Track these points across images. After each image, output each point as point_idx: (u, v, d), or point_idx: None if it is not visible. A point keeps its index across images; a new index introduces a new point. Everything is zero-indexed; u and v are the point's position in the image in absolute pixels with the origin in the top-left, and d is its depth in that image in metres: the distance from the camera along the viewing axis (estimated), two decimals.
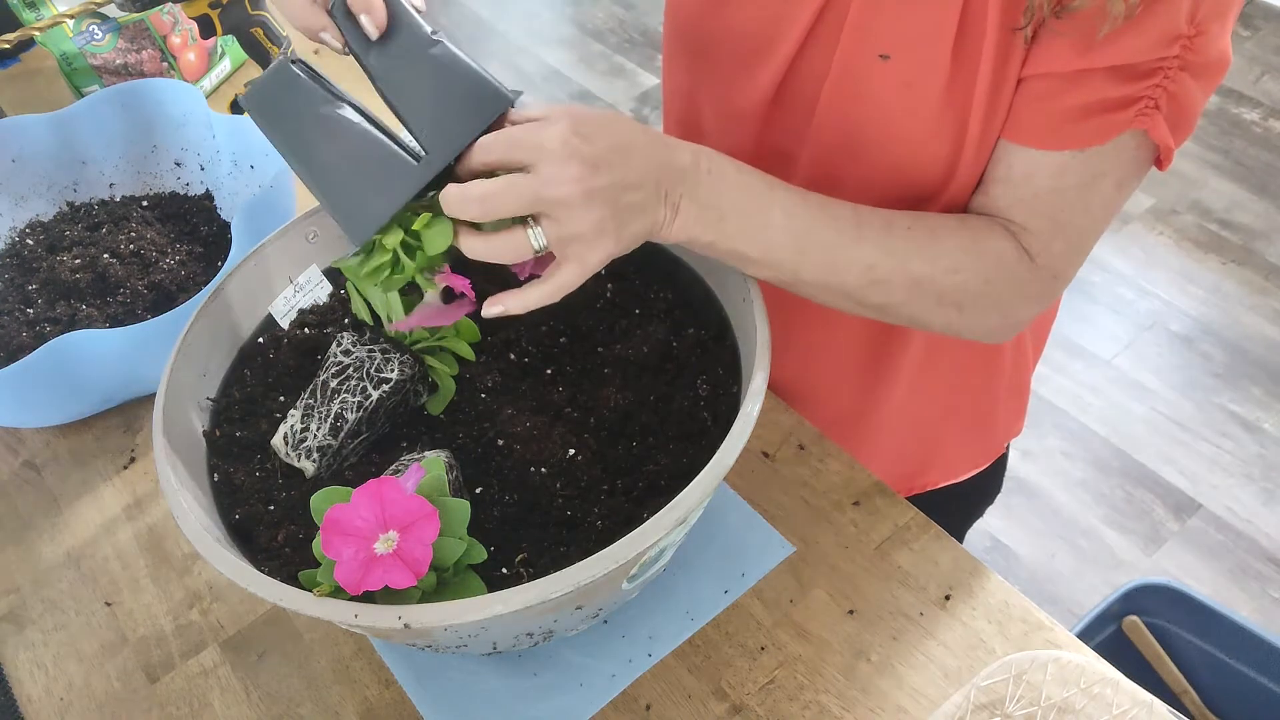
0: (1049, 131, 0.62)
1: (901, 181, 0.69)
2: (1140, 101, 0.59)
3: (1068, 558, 1.79)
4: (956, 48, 0.63)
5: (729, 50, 0.73)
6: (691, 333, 0.72)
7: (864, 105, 0.67)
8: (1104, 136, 0.61)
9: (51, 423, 0.88)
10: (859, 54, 0.66)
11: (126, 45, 1.22)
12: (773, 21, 0.70)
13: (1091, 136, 0.61)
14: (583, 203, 0.54)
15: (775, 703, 0.67)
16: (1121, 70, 0.59)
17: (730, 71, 0.74)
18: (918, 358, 0.83)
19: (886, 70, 0.65)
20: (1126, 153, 0.62)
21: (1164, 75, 0.59)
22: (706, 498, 0.55)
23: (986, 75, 0.63)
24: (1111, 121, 0.60)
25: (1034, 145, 0.63)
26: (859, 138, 0.68)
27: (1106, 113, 0.60)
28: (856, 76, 0.67)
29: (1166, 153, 0.62)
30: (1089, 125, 0.60)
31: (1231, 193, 2.37)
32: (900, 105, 0.66)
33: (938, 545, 0.73)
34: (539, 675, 0.69)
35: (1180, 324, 2.13)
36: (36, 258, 0.99)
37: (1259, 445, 1.91)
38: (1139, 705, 0.63)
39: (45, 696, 0.73)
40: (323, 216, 0.77)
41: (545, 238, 0.55)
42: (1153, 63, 0.58)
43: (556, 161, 0.53)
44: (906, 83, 0.65)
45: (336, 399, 0.66)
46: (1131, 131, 0.60)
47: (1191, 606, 1.25)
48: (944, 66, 0.63)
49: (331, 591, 0.54)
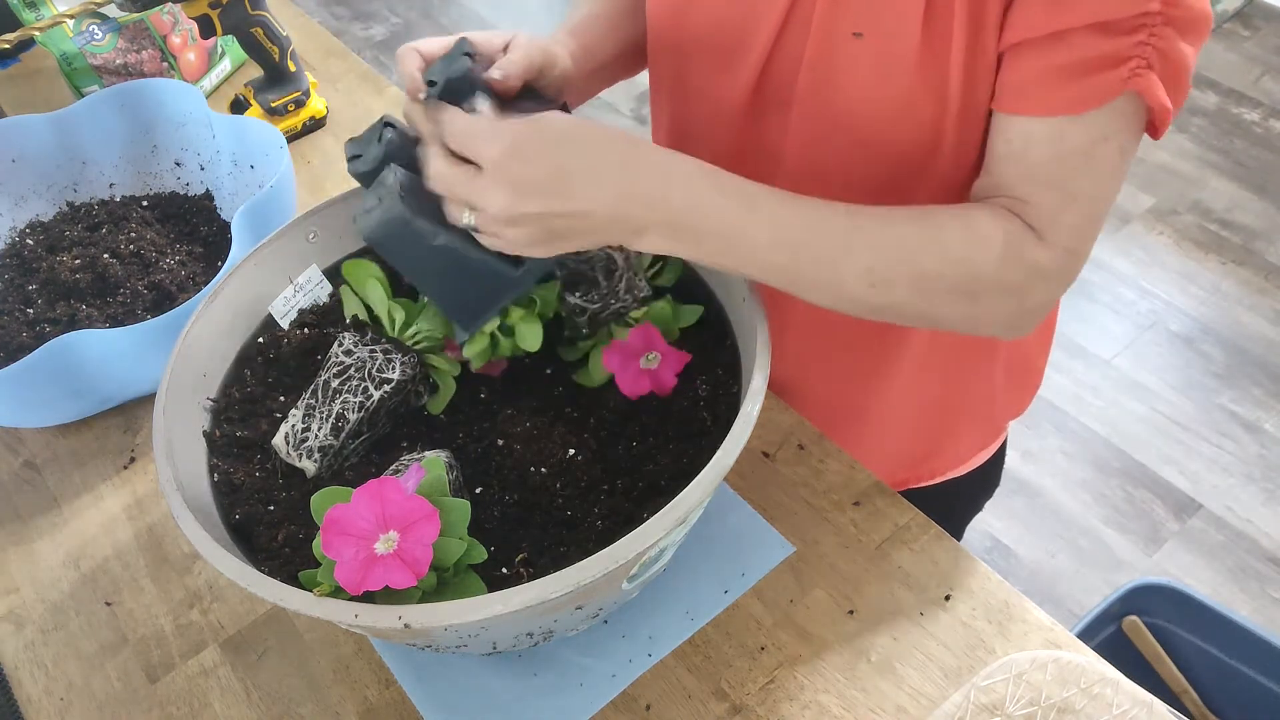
0: (1041, 97, 0.61)
1: (887, 158, 0.69)
2: (1130, 61, 0.58)
3: (1068, 558, 1.79)
4: (927, 18, 0.63)
5: (707, 46, 0.74)
6: (692, 333, 0.72)
7: (841, 85, 0.67)
8: (1099, 98, 0.60)
9: (51, 423, 0.88)
10: (833, 34, 0.67)
11: (126, 45, 1.22)
12: (746, 14, 0.70)
13: (1087, 98, 0.60)
14: (506, 223, 0.57)
15: (775, 703, 0.67)
16: (1103, 26, 0.58)
17: (710, 68, 0.75)
18: (914, 350, 0.83)
19: (860, 48, 0.66)
20: (1124, 116, 0.61)
21: (1149, 31, 0.58)
22: (706, 498, 0.55)
23: (960, 43, 0.63)
24: (1104, 81, 0.59)
25: (1028, 112, 0.62)
26: (840, 119, 0.69)
27: (1097, 72, 0.59)
28: (832, 57, 0.67)
29: (1164, 115, 0.61)
30: (1082, 86, 0.60)
31: (1231, 193, 2.37)
32: (876, 81, 0.66)
33: (938, 545, 0.73)
34: (539, 675, 0.69)
35: (1180, 324, 2.13)
36: (36, 258, 0.99)
37: (1259, 445, 1.91)
38: (1139, 705, 0.63)
39: (45, 696, 0.73)
40: (323, 216, 0.77)
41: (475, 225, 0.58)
42: (1135, 18, 0.58)
43: (488, 179, 0.56)
44: (880, 58, 0.65)
45: (338, 399, 0.66)
46: (1128, 94, 0.60)
47: (1191, 606, 1.25)
48: (915, 38, 0.63)
49: (331, 591, 0.54)
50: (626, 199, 0.57)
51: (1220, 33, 2.78)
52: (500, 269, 0.61)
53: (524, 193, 0.56)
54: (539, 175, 0.56)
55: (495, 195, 0.56)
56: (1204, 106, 2.58)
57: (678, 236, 0.59)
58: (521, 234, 0.57)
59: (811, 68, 0.68)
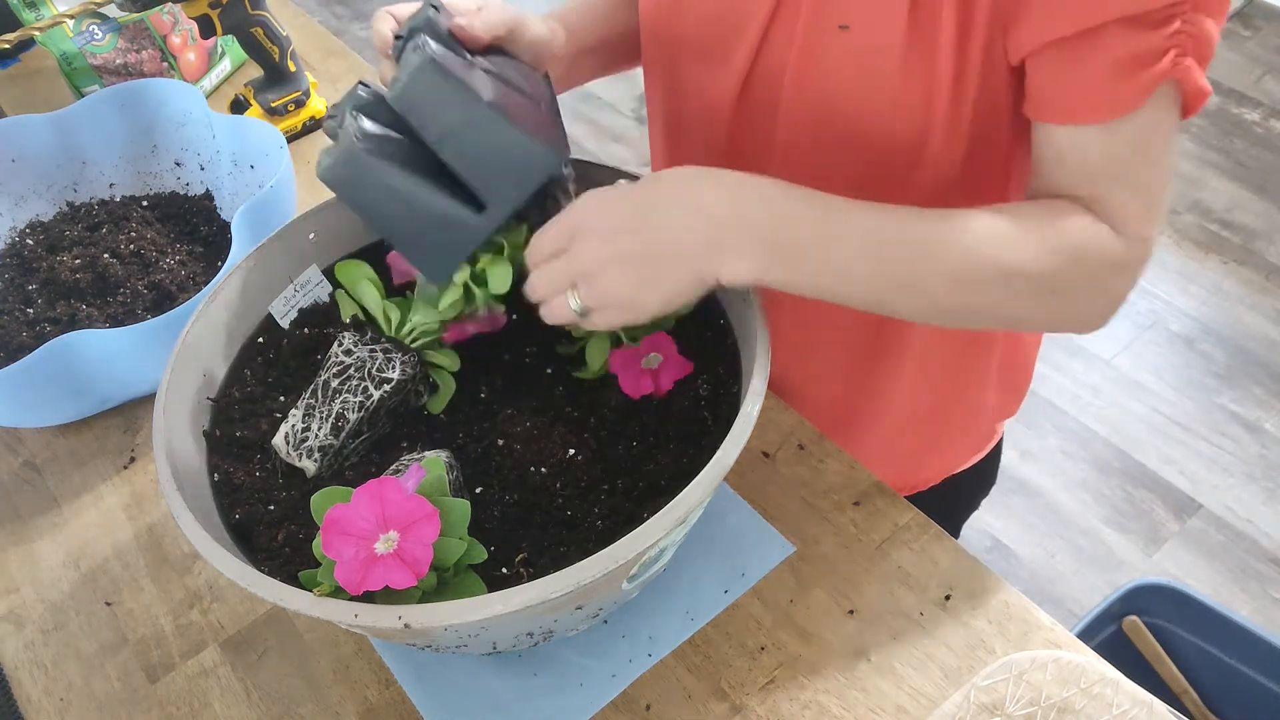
0: (1085, 104, 0.60)
1: (876, 151, 0.68)
2: (1169, 53, 0.58)
3: (1068, 558, 1.79)
4: (912, 9, 0.63)
5: (697, 43, 0.74)
6: (692, 333, 0.72)
7: (829, 78, 0.68)
8: (1144, 96, 0.59)
9: (51, 423, 0.88)
10: (820, 28, 0.67)
11: (126, 45, 1.22)
12: (735, 9, 0.71)
13: (1131, 98, 0.59)
14: (607, 267, 0.58)
15: (775, 703, 0.67)
16: (1134, 20, 0.57)
17: (701, 64, 0.75)
18: (911, 348, 0.83)
19: (847, 41, 0.66)
20: (1169, 102, 0.60)
21: (1182, 19, 0.57)
22: (706, 498, 0.55)
23: (949, 36, 0.62)
24: (1147, 79, 0.58)
25: (1073, 122, 0.61)
26: (828, 113, 0.69)
27: (1139, 70, 0.58)
28: (819, 51, 0.67)
29: (1201, 99, 0.60)
30: (1126, 87, 0.58)
31: (1232, 193, 2.37)
32: (863, 74, 0.66)
33: (938, 545, 0.73)
34: (539, 675, 0.69)
35: (1180, 324, 2.13)
36: (36, 258, 0.99)
37: (1259, 445, 1.91)
38: (1139, 705, 0.63)
39: (45, 696, 0.73)
40: (323, 216, 0.77)
41: (581, 301, 0.59)
42: (1166, 8, 0.56)
43: (579, 242, 0.58)
44: (867, 51, 0.65)
45: (338, 399, 0.66)
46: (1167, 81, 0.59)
47: (1191, 606, 1.25)
48: (900, 30, 0.63)
49: (331, 591, 0.54)
50: (713, 222, 0.57)
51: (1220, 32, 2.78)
52: (460, 213, 0.61)
53: (614, 232, 0.58)
54: (623, 214, 0.58)
55: (588, 248, 0.58)
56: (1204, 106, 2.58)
57: (772, 254, 0.58)
58: (621, 279, 0.58)
59: (799, 62, 0.69)
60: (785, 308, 0.79)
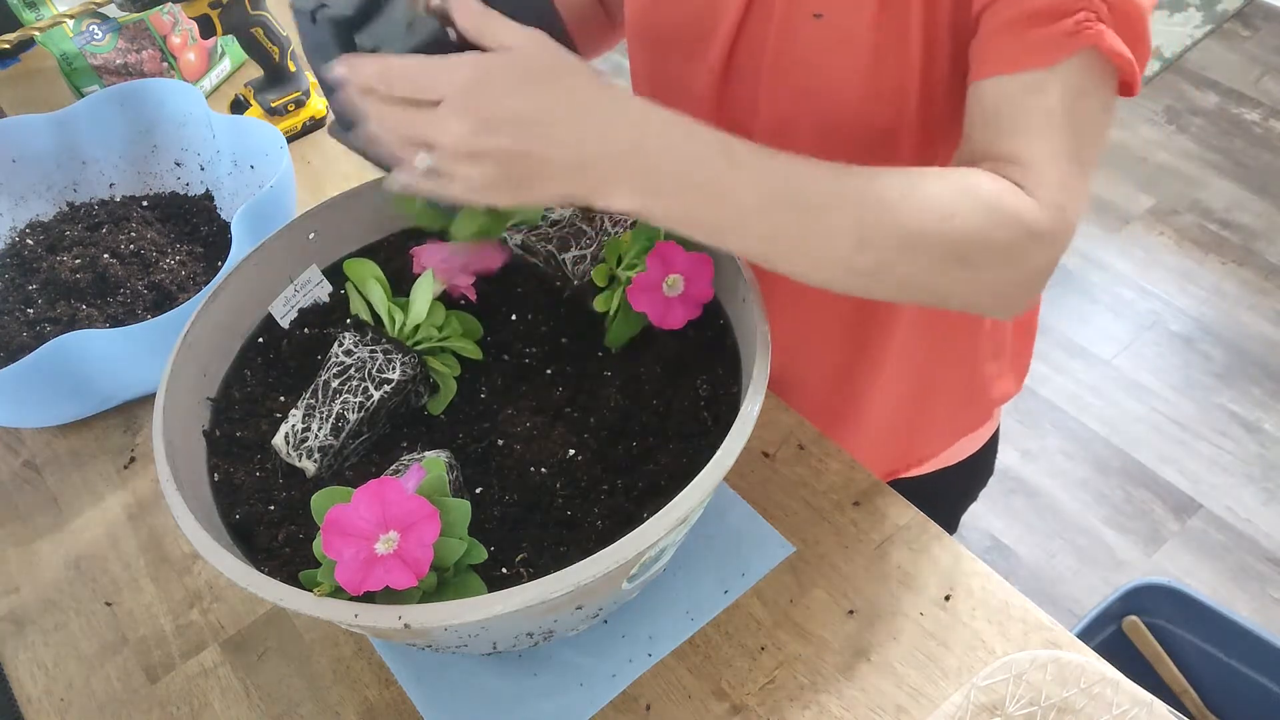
0: (1000, 54, 0.61)
1: (855, 139, 0.69)
2: (1078, 12, 0.59)
3: (1068, 558, 1.79)
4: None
5: (676, 35, 0.75)
6: (692, 333, 0.72)
7: (805, 67, 0.69)
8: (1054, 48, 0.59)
9: (51, 423, 0.88)
10: (794, 17, 0.68)
11: (126, 45, 1.22)
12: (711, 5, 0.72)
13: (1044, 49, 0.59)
14: (465, 158, 0.52)
15: (775, 703, 0.67)
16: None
17: (681, 57, 0.76)
18: (899, 336, 0.84)
19: (821, 28, 0.67)
20: (1098, 74, 0.60)
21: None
22: (706, 498, 0.55)
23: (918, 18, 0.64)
24: (1055, 32, 0.59)
25: (992, 73, 0.61)
26: (806, 102, 0.70)
27: (1046, 24, 0.59)
28: (794, 39, 0.68)
29: (1127, 67, 0.60)
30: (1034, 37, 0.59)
31: (1231, 193, 2.37)
32: (838, 61, 0.67)
33: (938, 545, 0.73)
34: (539, 675, 0.69)
35: (1180, 324, 2.13)
36: (36, 258, 0.99)
37: (1259, 445, 1.91)
38: (1139, 705, 0.63)
39: (45, 696, 0.73)
40: (323, 216, 0.77)
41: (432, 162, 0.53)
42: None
43: (447, 108, 0.51)
44: (840, 38, 0.66)
45: (338, 399, 0.66)
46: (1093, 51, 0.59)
47: (1191, 606, 1.25)
48: (871, 14, 0.65)
49: (331, 591, 0.54)
50: (598, 145, 0.52)
51: (1220, 33, 2.77)
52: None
53: (489, 126, 0.51)
54: (507, 110, 0.51)
55: (455, 125, 0.51)
56: (1204, 106, 2.58)
57: (650, 191, 0.53)
58: (479, 173, 0.52)
59: (775, 52, 0.69)
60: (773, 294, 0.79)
